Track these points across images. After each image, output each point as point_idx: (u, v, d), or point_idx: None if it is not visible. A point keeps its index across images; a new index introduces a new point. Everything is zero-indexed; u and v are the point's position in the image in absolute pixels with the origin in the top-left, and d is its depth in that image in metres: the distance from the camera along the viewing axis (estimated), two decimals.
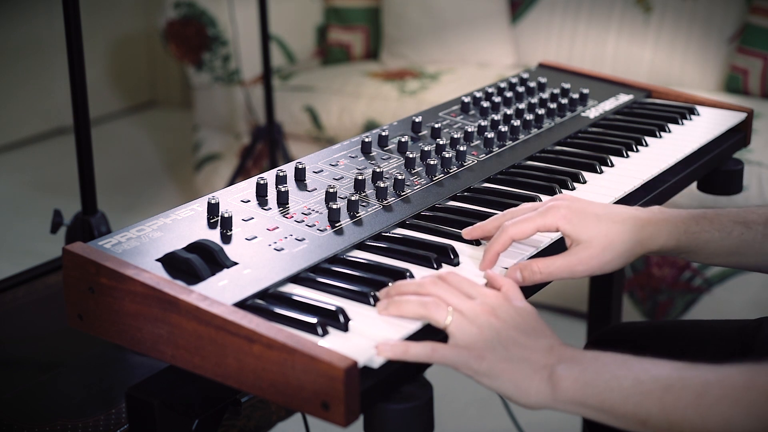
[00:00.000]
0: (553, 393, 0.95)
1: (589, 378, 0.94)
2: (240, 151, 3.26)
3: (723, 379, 0.90)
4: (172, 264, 1.01)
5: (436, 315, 0.97)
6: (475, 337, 0.96)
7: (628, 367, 0.94)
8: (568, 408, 0.96)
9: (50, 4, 4.11)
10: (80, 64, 1.75)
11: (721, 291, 2.54)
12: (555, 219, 1.10)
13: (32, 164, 4.04)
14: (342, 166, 1.29)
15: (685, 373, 0.92)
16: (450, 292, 0.99)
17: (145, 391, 1.00)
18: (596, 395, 0.93)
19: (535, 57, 3.22)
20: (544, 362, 0.96)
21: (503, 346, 0.96)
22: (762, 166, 2.45)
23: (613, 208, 1.12)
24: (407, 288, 1.00)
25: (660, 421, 0.91)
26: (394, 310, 0.98)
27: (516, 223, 1.10)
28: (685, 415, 0.90)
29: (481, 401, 2.39)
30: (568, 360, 0.96)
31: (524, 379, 0.95)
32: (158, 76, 4.80)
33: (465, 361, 0.96)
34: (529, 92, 1.62)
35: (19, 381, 1.58)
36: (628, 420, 0.93)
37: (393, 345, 0.93)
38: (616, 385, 0.93)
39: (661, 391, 0.91)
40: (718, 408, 0.89)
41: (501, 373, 0.95)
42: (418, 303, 0.97)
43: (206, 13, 3.17)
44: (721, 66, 3.00)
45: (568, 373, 0.95)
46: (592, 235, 1.09)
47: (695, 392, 0.90)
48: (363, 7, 3.43)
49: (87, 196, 1.83)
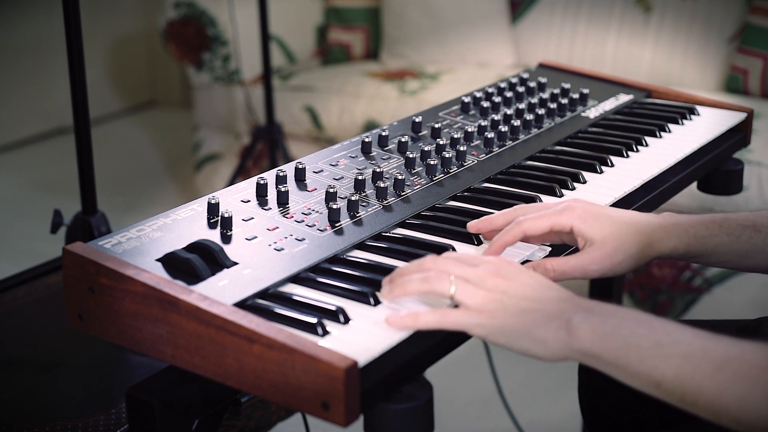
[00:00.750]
0: (569, 341, 0.94)
1: (609, 331, 0.93)
2: (240, 151, 3.26)
3: (744, 355, 0.89)
4: (172, 264, 1.01)
5: (439, 286, 0.96)
6: (484, 299, 0.96)
7: (650, 327, 0.93)
8: (583, 359, 0.95)
9: (50, 4, 4.11)
10: (80, 64, 1.75)
11: (721, 291, 2.54)
12: (570, 218, 1.11)
13: (32, 164, 4.04)
14: (342, 166, 1.29)
15: (707, 343, 0.90)
16: (451, 264, 0.99)
17: (145, 391, 1.00)
18: (613, 350, 0.93)
19: (535, 57, 3.22)
20: (560, 311, 0.95)
21: (514, 302, 0.96)
22: (762, 166, 2.45)
23: (626, 213, 1.14)
24: (408, 269, 1.00)
25: (674, 386, 0.91)
26: (398, 291, 0.98)
27: (531, 219, 1.11)
28: (701, 385, 0.89)
29: (481, 401, 2.39)
30: (586, 310, 0.95)
31: (540, 328, 0.95)
32: (158, 76, 4.80)
33: (476, 322, 0.95)
34: (529, 92, 1.62)
35: (19, 381, 1.58)
36: (641, 380, 0.93)
37: (403, 316, 0.94)
38: (635, 343, 0.92)
39: (680, 358, 0.90)
40: (736, 384, 0.88)
41: (515, 326, 0.95)
42: (420, 279, 0.97)
43: (206, 13, 3.17)
44: (721, 66, 3.00)
45: (587, 323, 0.94)
46: (606, 235, 1.10)
47: (715, 364, 0.89)
48: (363, 7, 3.43)
49: (87, 196, 1.83)
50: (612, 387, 1.39)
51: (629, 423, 1.37)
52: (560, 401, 2.36)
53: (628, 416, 1.37)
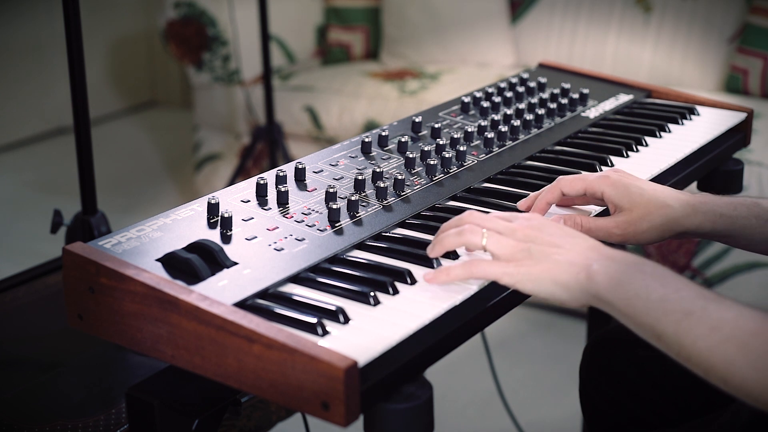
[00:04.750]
0: (588, 286, 0.98)
1: (624, 280, 0.97)
2: (240, 151, 3.26)
3: (738, 319, 0.91)
4: (172, 264, 1.01)
5: (473, 239, 1.02)
6: (513, 248, 1.01)
7: (662, 281, 0.96)
8: (599, 305, 0.99)
9: (50, 4, 4.11)
10: (80, 64, 1.75)
11: (721, 291, 2.54)
12: (603, 185, 1.17)
13: (32, 164, 4.04)
14: (342, 166, 1.29)
15: (708, 304, 0.93)
16: (485, 218, 1.04)
17: (145, 391, 1.00)
18: (624, 299, 0.96)
19: (535, 57, 3.22)
20: (584, 258, 1.00)
21: (540, 249, 1.01)
22: (762, 166, 2.45)
23: (657, 187, 1.19)
24: (448, 225, 1.06)
25: (672, 342, 0.94)
26: (438, 248, 1.05)
27: (568, 179, 1.19)
28: (695, 344, 0.92)
29: (481, 401, 2.39)
30: (608, 258, 1.00)
31: (563, 274, 0.99)
32: (158, 76, 4.80)
33: (504, 271, 1.00)
34: (529, 92, 1.62)
35: (19, 381, 1.58)
36: (645, 331, 0.96)
37: (436, 272, 1.00)
38: (644, 294, 0.96)
39: (681, 315, 0.93)
40: (724, 347, 0.90)
41: (540, 273, 1.00)
42: (455, 233, 1.03)
43: (206, 13, 3.17)
44: (721, 66, 3.00)
45: (605, 271, 0.98)
46: (633, 203, 1.16)
47: (710, 325, 0.92)
48: (363, 7, 3.43)
49: (87, 196, 1.83)
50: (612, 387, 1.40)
51: (629, 423, 1.37)
52: (560, 401, 2.36)
53: (628, 416, 1.37)
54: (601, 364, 1.42)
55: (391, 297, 1.01)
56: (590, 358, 1.43)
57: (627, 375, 1.38)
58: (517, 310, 2.47)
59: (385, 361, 0.92)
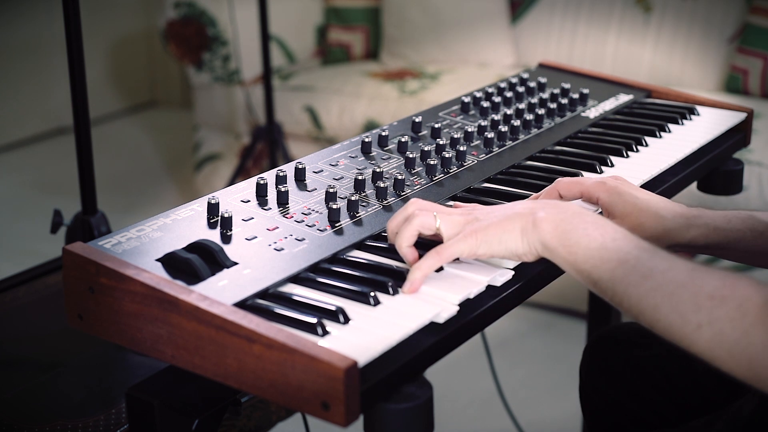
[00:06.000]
0: (536, 234, 1.03)
1: (567, 228, 1.02)
2: (240, 151, 3.26)
3: (669, 271, 0.95)
4: (172, 264, 1.01)
5: (426, 220, 1.05)
6: (462, 222, 1.06)
7: (602, 230, 1.01)
8: (545, 253, 1.03)
9: (50, 4, 4.11)
10: (80, 64, 1.75)
11: None
12: (599, 191, 1.18)
13: (32, 164, 4.04)
14: (342, 166, 1.29)
15: (643, 254, 0.98)
16: (431, 204, 1.08)
17: (145, 391, 1.00)
18: (566, 246, 1.01)
19: (535, 57, 3.22)
20: (529, 209, 1.04)
21: (486, 214, 1.06)
22: (762, 166, 2.45)
23: (652, 196, 1.20)
24: (395, 221, 1.08)
25: (607, 288, 0.99)
26: (399, 242, 1.06)
27: (566, 181, 1.21)
28: (626, 291, 0.97)
29: (481, 401, 2.39)
30: (552, 206, 1.04)
31: (513, 224, 1.03)
32: (158, 76, 4.80)
33: (463, 245, 1.03)
34: (529, 92, 1.62)
35: (19, 381, 1.58)
36: (584, 277, 1.01)
37: (410, 277, 1.01)
38: (585, 242, 1.00)
39: (616, 263, 0.98)
40: (653, 294, 0.94)
41: (493, 233, 1.03)
42: (409, 225, 1.05)
43: (206, 13, 3.17)
44: (721, 66, 3.00)
45: (550, 218, 1.03)
46: (626, 212, 1.17)
47: (642, 274, 0.96)
48: (363, 7, 3.43)
49: (87, 196, 1.83)
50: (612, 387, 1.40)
51: (629, 423, 1.37)
52: (560, 401, 2.36)
53: (628, 416, 1.37)
54: (601, 364, 1.42)
55: (391, 297, 1.01)
56: (590, 358, 1.43)
57: (627, 375, 1.38)
58: (517, 310, 2.47)
59: (385, 361, 0.92)
